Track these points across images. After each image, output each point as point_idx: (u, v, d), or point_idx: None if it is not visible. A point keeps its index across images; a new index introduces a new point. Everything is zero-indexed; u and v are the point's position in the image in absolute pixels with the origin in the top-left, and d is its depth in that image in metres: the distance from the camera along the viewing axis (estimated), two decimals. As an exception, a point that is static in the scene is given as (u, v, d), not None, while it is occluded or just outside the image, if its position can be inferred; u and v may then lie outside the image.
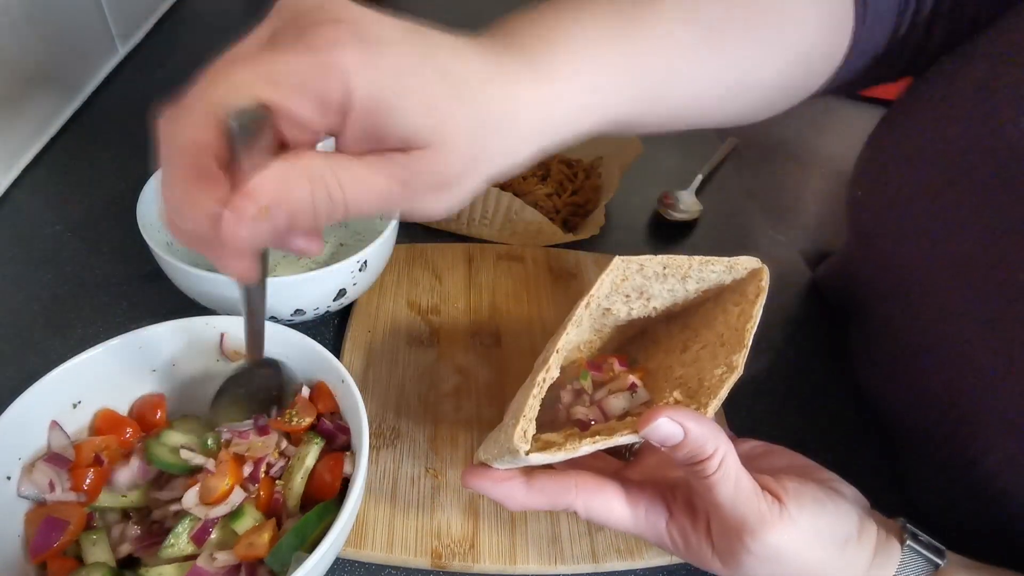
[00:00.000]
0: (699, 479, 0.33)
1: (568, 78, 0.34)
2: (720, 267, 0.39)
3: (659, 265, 0.38)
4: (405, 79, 0.27)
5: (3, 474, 0.39)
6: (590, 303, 0.38)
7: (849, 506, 0.35)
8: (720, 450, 0.32)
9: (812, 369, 0.60)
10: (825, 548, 0.34)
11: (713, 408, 0.35)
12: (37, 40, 0.69)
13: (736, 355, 0.37)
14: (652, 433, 0.32)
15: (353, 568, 0.44)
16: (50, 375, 0.41)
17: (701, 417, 0.32)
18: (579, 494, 0.36)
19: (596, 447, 0.34)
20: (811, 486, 0.35)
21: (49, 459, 0.40)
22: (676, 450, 0.33)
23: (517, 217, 0.64)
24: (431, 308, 0.59)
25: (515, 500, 0.36)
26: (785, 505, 0.33)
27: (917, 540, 0.36)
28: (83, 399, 0.43)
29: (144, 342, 0.45)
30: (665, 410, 0.32)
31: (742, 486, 0.33)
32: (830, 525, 0.34)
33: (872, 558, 0.35)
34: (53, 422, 0.42)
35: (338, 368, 0.43)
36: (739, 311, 0.39)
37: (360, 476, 0.38)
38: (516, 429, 0.33)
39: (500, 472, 0.36)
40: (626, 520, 0.37)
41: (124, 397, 0.45)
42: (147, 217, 0.53)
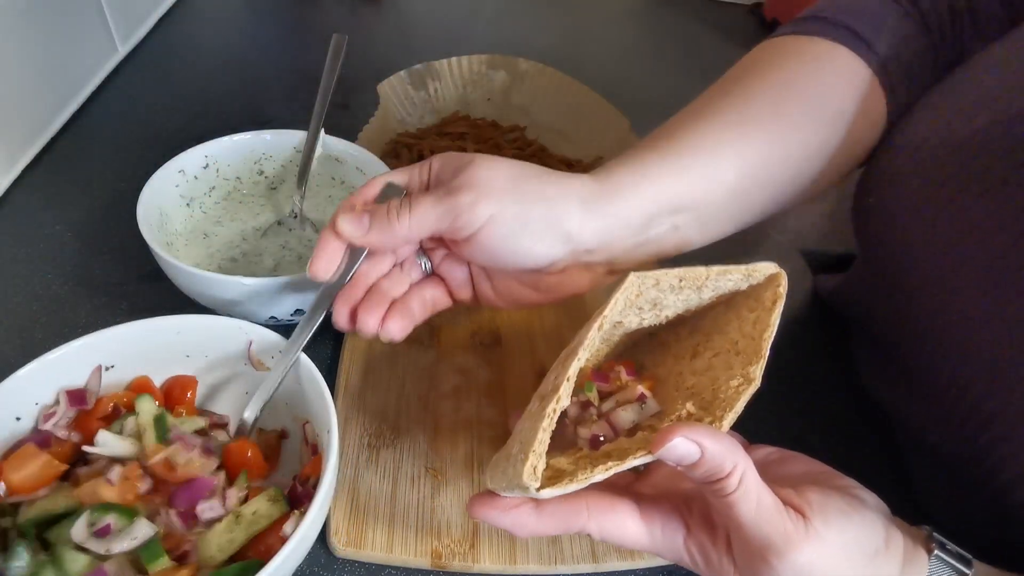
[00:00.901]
0: (718, 498, 0.31)
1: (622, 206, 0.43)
2: (738, 275, 0.38)
3: (675, 279, 0.36)
4: None
5: (14, 415, 0.42)
6: (603, 324, 0.36)
7: (875, 516, 0.34)
8: (739, 467, 0.31)
9: (813, 369, 0.60)
10: (854, 563, 0.33)
11: (729, 422, 0.34)
12: (37, 40, 0.69)
13: (754, 367, 0.35)
14: (667, 454, 0.30)
15: (353, 568, 0.44)
16: (87, 338, 0.43)
17: (718, 433, 0.31)
18: (591, 516, 0.35)
19: (608, 474, 0.32)
20: (834, 497, 0.34)
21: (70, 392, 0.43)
22: (693, 469, 0.31)
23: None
24: (431, 308, 0.59)
25: (526, 528, 0.35)
26: (811, 520, 0.32)
27: (945, 550, 0.35)
28: (116, 364, 0.45)
29: (181, 328, 0.46)
30: (680, 429, 0.30)
31: (764, 504, 0.31)
32: (857, 538, 0.33)
33: (901, 568, 0.34)
34: (99, 366, 0.45)
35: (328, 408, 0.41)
36: (755, 318, 0.37)
37: (304, 528, 0.35)
38: (526, 466, 0.31)
39: (508, 500, 0.35)
40: (642, 539, 0.35)
41: (157, 372, 0.47)
42: (147, 217, 0.53)
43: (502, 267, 0.43)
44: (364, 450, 0.48)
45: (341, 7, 1.09)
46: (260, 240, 0.60)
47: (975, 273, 0.41)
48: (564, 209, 0.41)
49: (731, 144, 0.45)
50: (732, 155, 0.45)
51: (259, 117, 0.80)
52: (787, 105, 0.46)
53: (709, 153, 0.45)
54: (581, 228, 0.41)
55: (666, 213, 0.44)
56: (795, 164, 0.47)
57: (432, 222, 0.40)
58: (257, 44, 0.98)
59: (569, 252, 0.42)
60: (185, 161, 0.59)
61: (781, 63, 0.49)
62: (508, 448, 0.36)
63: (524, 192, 0.41)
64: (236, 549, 0.38)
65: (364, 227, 0.41)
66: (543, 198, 0.41)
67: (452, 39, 1.03)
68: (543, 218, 0.41)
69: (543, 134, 0.78)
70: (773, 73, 0.48)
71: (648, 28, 1.17)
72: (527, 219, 0.40)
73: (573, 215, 0.41)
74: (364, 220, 0.41)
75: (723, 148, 0.45)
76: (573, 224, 0.41)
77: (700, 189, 0.44)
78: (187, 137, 0.61)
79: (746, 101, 0.47)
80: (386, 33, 1.03)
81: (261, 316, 0.51)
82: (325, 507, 0.39)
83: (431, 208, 0.40)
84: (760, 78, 0.48)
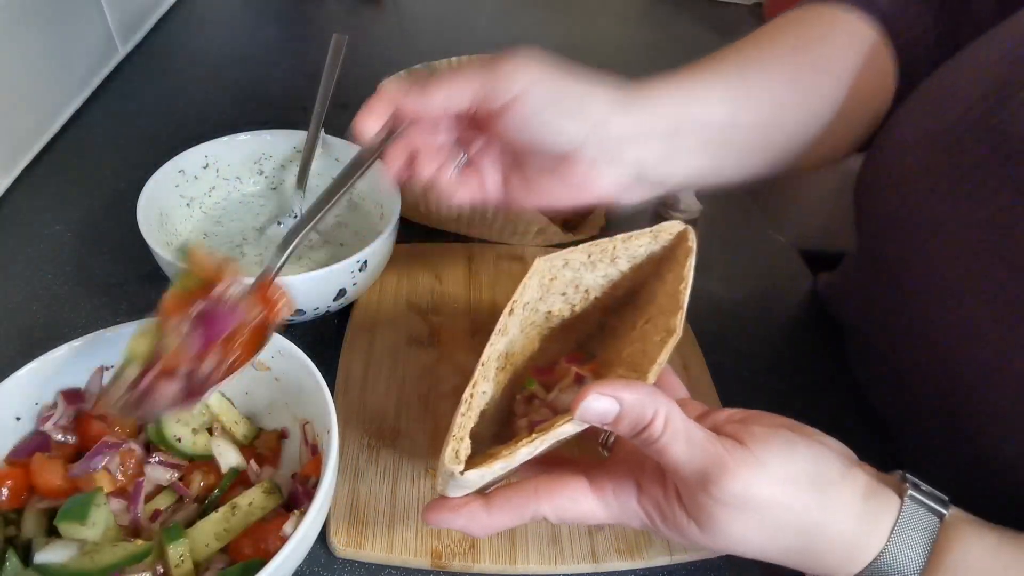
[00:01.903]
0: (649, 447, 0.31)
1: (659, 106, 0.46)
2: (645, 239, 0.39)
3: (583, 255, 0.37)
4: None
5: (14, 415, 0.41)
6: (513, 309, 0.36)
7: (829, 451, 0.34)
8: (661, 411, 0.30)
9: (812, 369, 0.60)
10: (802, 492, 0.32)
11: (654, 374, 0.34)
12: (37, 40, 0.69)
13: (673, 318, 0.35)
14: (586, 414, 0.30)
15: (353, 568, 0.44)
16: (87, 338, 0.43)
17: (632, 384, 0.31)
18: (541, 499, 0.34)
19: (536, 448, 0.32)
20: (782, 431, 0.33)
21: (66, 393, 0.43)
22: (617, 424, 0.31)
23: (517, 217, 0.64)
24: (431, 308, 0.59)
25: (479, 525, 0.34)
26: (748, 447, 0.32)
27: (919, 490, 0.33)
28: (116, 364, 0.44)
29: None
30: (594, 387, 0.30)
31: (694, 439, 0.31)
32: (806, 469, 0.32)
33: (863, 504, 0.33)
34: (100, 367, 0.45)
35: (328, 407, 0.41)
36: (672, 276, 0.38)
37: (305, 527, 0.35)
38: (447, 450, 0.31)
39: (456, 500, 0.34)
40: (598, 511, 0.35)
41: None
42: (147, 217, 0.53)
43: (532, 145, 0.43)
44: (364, 450, 0.48)
45: (341, 7, 1.09)
46: (260, 240, 0.60)
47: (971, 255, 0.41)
48: (595, 97, 0.43)
49: (755, 80, 0.48)
50: (756, 90, 0.48)
51: (259, 117, 0.80)
52: (803, 55, 0.50)
53: (735, 84, 0.47)
54: (609, 118, 0.43)
55: (692, 129, 0.46)
56: (810, 111, 0.49)
57: (470, 88, 0.41)
58: (257, 44, 0.98)
59: (598, 141, 0.43)
60: (185, 161, 0.59)
61: (799, 22, 0.52)
62: None
63: (559, 73, 0.42)
64: (231, 539, 0.39)
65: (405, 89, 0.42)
66: (577, 81, 0.43)
67: (452, 39, 1.03)
68: (576, 97, 0.42)
69: (543, 134, 0.78)
70: (791, 28, 0.52)
71: (648, 28, 1.17)
72: (561, 95, 0.42)
73: (603, 104, 0.43)
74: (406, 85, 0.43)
75: (748, 82, 0.48)
76: (602, 111, 0.43)
77: (726, 113, 0.47)
78: (187, 137, 0.61)
79: (771, 44, 0.50)
80: (386, 33, 1.03)
81: (261, 316, 0.51)
82: (325, 507, 0.39)
83: (471, 74, 0.41)
84: (781, 32, 0.52)
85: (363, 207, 0.64)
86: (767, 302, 0.66)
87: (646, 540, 0.45)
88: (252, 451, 0.46)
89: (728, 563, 0.45)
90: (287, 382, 0.46)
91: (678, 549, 0.45)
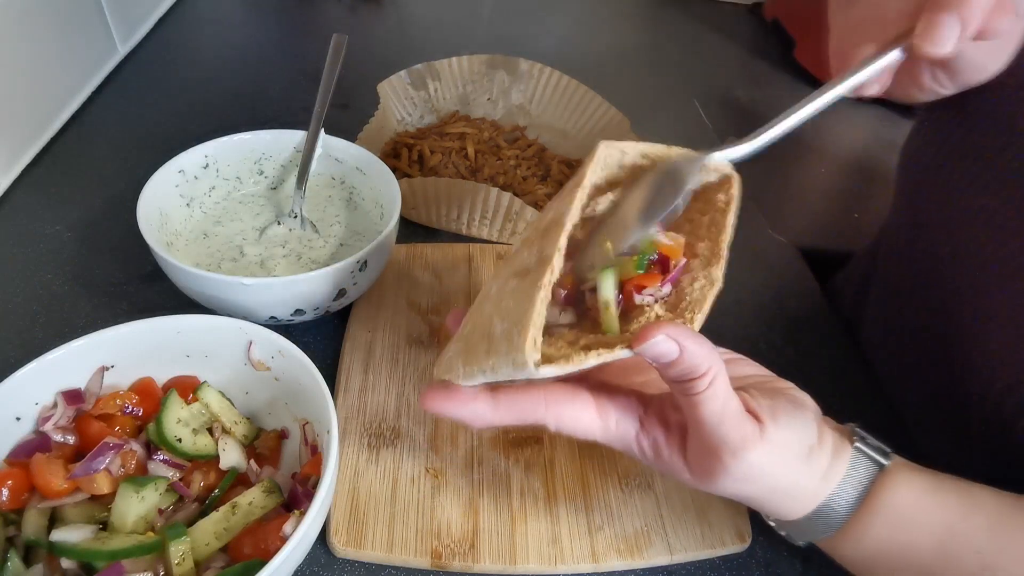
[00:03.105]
0: (686, 395, 0.32)
1: None
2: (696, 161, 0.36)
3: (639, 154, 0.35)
4: None
5: (14, 415, 0.42)
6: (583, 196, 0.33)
7: (810, 415, 0.37)
8: (713, 370, 0.31)
9: (812, 369, 0.60)
10: (793, 459, 0.35)
11: (699, 322, 0.33)
12: (37, 40, 0.69)
13: (715, 268, 0.35)
14: (648, 350, 0.30)
15: (353, 568, 0.44)
16: (87, 338, 0.43)
17: (698, 336, 0.31)
18: (548, 407, 0.35)
19: (600, 360, 0.31)
20: (781, 402, 0.36)
21: (67, 393, 0.43)
22: (668, 368, 0.31)
23: (517, 217, 0.64)
24: (431, 308, 0.59)
25: (482, 418, 0.34)
26: (765, 425, 0.34)
27: (865, 442, 0.38)
28: (116, 364, 0.45)
29: (181, 328, 0.46)
30: (662, 327, 0.30)
31: (730, 407, 0.33)
32: (799, 438, 0.35)
33: (829, 463, 0.37)
34: (100, 367, 0.45)
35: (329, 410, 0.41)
36: (708, 220, 0.37)
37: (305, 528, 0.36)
38: (527, 338, 0.29)
39: (464, 391, 0.34)
40: (595, 431, 0.36)
41: (157, 372, 0.47)
42: (147, 217, 0.53)
43: None
44: (364, 450, 0.48)
45: (341, 7, 1.09)
46: (260, 240, 0.60)
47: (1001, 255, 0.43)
48: None
49: None
50: None
51: (259, 117, 0.80)
52: None
53: None
54: None
55: None
56: None
57: None
58: (257, 44, 0.98)
59: None
60: (185, 161, 0.59)
61: None
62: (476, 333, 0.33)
63: None
64: (231, 538, 0.39)
65: None
66: None
67: (452, 39, 1.03)
68: None
69: (543, 134, 0.78)
70: None
71: (648, 28, 1.17)
72: None
73: None
74: None
75: None
76: None
77: None
78: (187, 137, 0.61)
79: None
80: (386, 33, 1.03)
81: (261, 316, 0.51)
82: (325, 507, 0.39)
83: None
84: None
85: (363, 207, 0.64)
86: (767, 302, 0.66)
87: (646, 540, 0.45)
88: (252, 451, 0.46)
89: (727, 563, 0.46)
90: (287, 382, 0.46)
91: (678, 549, 0.45)
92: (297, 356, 0.44)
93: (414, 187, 0.64)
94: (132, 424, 0.44)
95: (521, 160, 0.71)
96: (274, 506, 0.41)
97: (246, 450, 0.45)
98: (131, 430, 0.44)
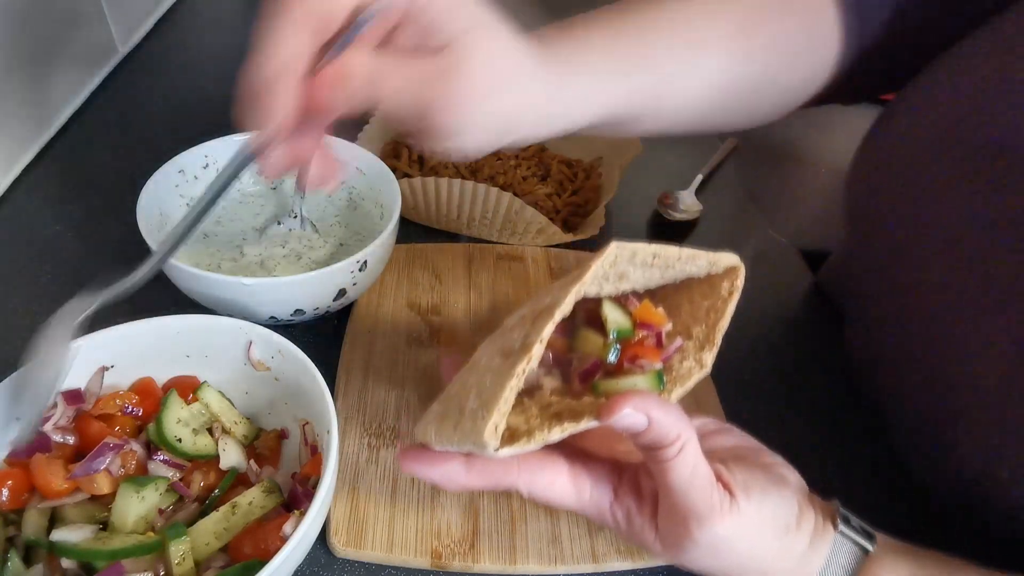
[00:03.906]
0: (655, 462, 0.32)
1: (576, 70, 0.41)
2: (703, 262, 0.38)
3: (650, 255, 0.36)
4: None
5: (14, 415, 0.41)
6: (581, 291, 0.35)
7: (791, 493, 0.35)
8: (683, 437, 0.31)
9: (812, 369, 0.60)
10: (766, 538, 0.34)
11: (676, 396, 0.35)
12: (37, 40, 0.69)
13: (707, 353, 0.36)
14: (617, 422, 0.31)
15: (353, 568, 0.44)
16: (87, 338, 0.44)
17: (666, 404, 0.31)
18: (521, 473, 0.35)
19: (564, 434, 0.32)
20: (758, 475, 0.35)
21: (67, 393, 0.43)
22: (638, 437, 0.32)
23: (517, 217, 0.64)
24: (431, 308, 0.59)
25: (455, 482, 0.35)
26: (736, 498, 0.33)
27: (848, 524, 0.36)
28: (116, 364, 0.46)
29: (181, 328, 0.46)
30: (630, 398, 0.31)
31: (699, 473, 0.32)
32: (774, 515, 0.34)
33: (808, 547, 0.35)
34: (101, 368, 0.45)
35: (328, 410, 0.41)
36: (708, 305, 0.38)
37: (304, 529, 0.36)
38: (488, 424, 0.30)
39: (439, 454, 0.35)
40: (569, 499, 0.36)
41: (157, 372, 0.47)
42: (147, 217, 0.53)
43: None
44: (364, 450, 0.48)
45: (341, 7, 1.08)
46: (260, 240, 0.60)
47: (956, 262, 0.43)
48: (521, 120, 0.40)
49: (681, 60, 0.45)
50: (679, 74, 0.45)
51: (259, 117, 0.80)
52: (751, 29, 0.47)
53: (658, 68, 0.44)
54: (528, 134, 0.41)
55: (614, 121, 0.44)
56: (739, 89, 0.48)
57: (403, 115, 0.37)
58: (257, 44, 0.98)
59: None
60: (185, 161, 0.59)
61: None
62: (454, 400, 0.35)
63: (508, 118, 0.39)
64: (231, 538, 0.39)
65: None
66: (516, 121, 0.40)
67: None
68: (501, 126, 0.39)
69: (543, 134, 0.78)
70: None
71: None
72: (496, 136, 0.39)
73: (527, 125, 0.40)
74: None
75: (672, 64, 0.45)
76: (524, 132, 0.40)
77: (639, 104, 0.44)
78: (187, 137, 0.61)
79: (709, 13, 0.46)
80: (386, 33, 1.03)
81: (261, 316, 0.51)
82: (325, 507, 0.39)
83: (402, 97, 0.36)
84: None
85: (363, 207, 0.64)
86: (767, 302, 0.66)
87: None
88: (252, 451, 0.46)
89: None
90: (287, 382, 0.46)
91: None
92: (297, 356, 0.44)
93: (414, 187, 0.64)
94: (132, 424, 0.44)
95: (521, 160, 0.71)
96: (274, 506, 0.41)
97: (246, 450, 0.45)
98: (131, 430, 0.44)
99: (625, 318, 0.37)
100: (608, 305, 0.37)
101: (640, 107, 0.45)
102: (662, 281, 0.40)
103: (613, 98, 0.43)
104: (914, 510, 0.49)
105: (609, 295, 0.39)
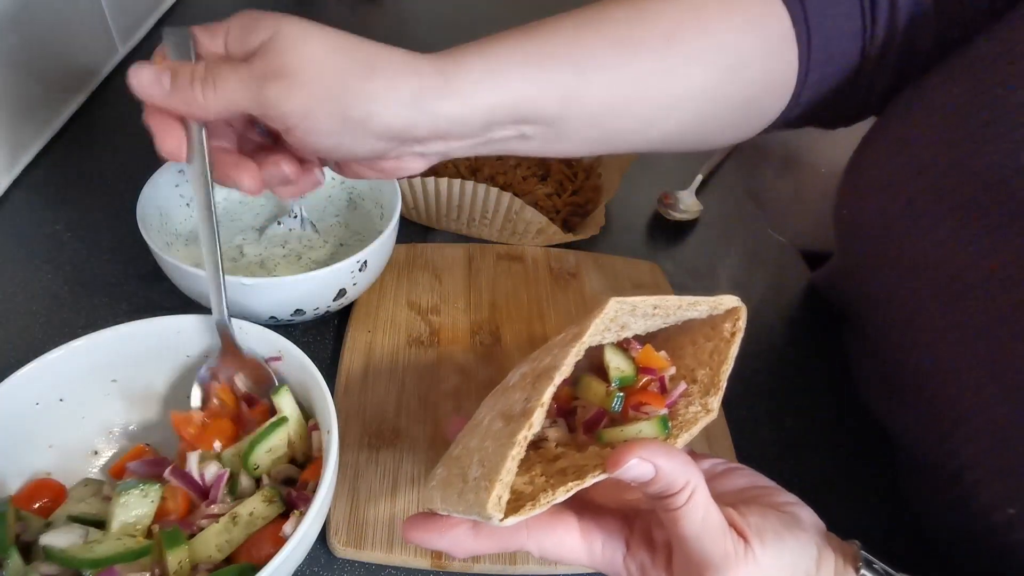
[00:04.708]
0: (665, 511, 0.32)
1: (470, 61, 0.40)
2: (705, 307, 0.38)
3: (651, 306, 0.36)
4: None
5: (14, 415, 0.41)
6: (580, 351, 0.35)
7: (808, 537, 0.34)
8: (691, 484, 0.31)
9: (812, 370, 0.60)
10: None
11: (683, 442, 0.34)
12: (37, 40, 0.69)
13: (713, 398, 0.36)
14: (624, 473, 0.30)
15: (353, 568, 0.44)
16: (87, 338, 0.43)
17: (672, 451, 0.31)
18: (530, 535, 0.34)
19: (569, 494, 0.32)
20: (772, 519, 0.34)
21: None
22: (646, 486, 0.31)
23: (517, 217, 0.64)
24: (431, 308, 0.59)
25: (463, 548, 0.34)
26: (750, 544, 0.32)
27: (871, 568, 0.35)
28: (116, 364, 0.46)
29: (181, 328, 0.46)
30: (636, 449, 0.30)
31: (710, 521, 0.31)
32: (793, 563, 0.33)
33: None
34: None
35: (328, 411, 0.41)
36: (712, 347, 0.38)
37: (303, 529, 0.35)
38: (491, 495, 0.30)
39: (445, 520, 0.34)
40: (581, 556, 0.35)
41: (157, 372, 0.47)
42: (147, 217, 0.53)
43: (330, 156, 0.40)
44: (364, 450, 0.48)
45: (341, 7, 1.08)
46: (260, 240, 0.60)
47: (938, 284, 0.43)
48: (391, 109, 0.37)
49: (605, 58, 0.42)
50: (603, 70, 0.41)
51: (259, 117, 0.80)
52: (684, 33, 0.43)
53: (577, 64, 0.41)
54: (410, 127, 0.38)
55: (511, 121, 0.41)
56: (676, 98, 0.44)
57: (240, 105, 0.36)
58: (257, 44, 0.98)
59: (397, 146, 0.39)
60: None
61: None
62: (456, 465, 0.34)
63: (344, 87, 0.36)
64: (233, 549, 0.39)
65: (163, 87, 0.36)
66: (365, 96, 0.36)
67: (452, 39, 1.03)
68: (364, 119, 0.37)
69: (543, 134, 0.78)
70: None
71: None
72: (345, 119, 0.36)
73: (401, 114, 0.37)
74: (164, 78, 0.36)
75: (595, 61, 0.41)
76: (399, 123, 0.37)
77: (555, 101, 0.41)
78: (187, 137, 0.61)
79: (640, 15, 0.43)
80: (386, 33, 1.03)
81: (261, 316, 0.51)
82: (325, 508, 0.39)
83: (237, 91, 0.36)
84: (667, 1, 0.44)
85: (363, 207, 0.64)
86: (767, 302, 0.66)
87: None
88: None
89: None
90: (287, 382, 0.46)
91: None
92: (297, 356, 0.44)
93: (414, 187, 0.64)
94: None
95: (521, 160, 0.71)
96: (276, 515, 0.40)
97: None
98: None
99: (628, 363, 0.37)
100: (610, 351, 0.37)
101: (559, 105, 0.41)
102: (664, 325, 0.40)
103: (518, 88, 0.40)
104: (915, 511, 0.49)
105: (611, 342, 0.39)
